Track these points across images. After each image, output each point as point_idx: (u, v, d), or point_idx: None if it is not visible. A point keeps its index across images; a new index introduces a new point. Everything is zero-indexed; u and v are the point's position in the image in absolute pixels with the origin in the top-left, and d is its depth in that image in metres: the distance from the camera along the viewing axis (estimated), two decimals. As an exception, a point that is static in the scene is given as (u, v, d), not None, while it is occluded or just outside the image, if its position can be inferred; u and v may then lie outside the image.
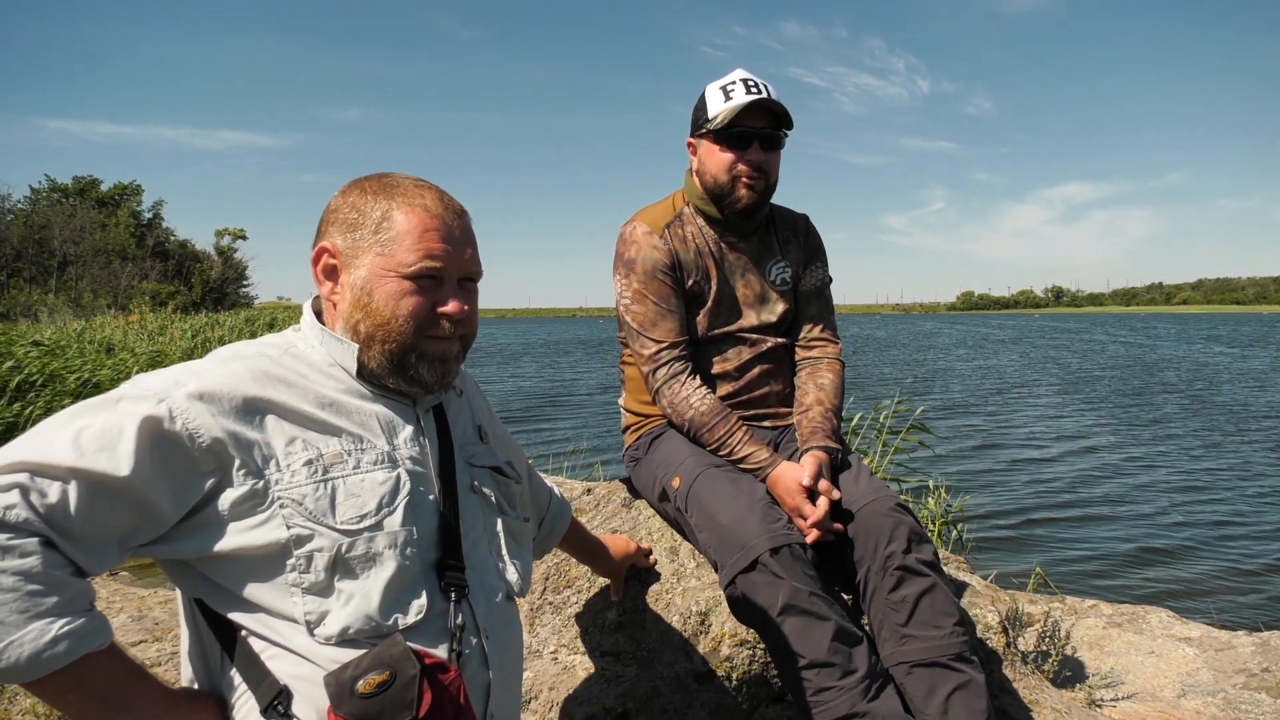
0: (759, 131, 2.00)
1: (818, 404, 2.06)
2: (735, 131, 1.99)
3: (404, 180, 1.20)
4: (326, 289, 1.20)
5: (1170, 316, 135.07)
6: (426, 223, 1.15)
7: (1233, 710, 2.62)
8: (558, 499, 1.73)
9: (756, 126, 1.99)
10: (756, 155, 2.00)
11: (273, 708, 1.03)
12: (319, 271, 1.20)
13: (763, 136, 2.00)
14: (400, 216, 1.15)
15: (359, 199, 1.18)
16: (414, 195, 1.17)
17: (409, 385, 1.19)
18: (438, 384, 1.20)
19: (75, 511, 0.93)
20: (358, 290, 1.15)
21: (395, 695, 0.97)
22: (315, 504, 1.06)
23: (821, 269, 2.24)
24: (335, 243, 1.18)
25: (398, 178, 1.20)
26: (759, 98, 1.96)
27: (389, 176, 1.21)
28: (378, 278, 1.14)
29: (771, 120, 2.01)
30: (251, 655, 1.05)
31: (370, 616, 1.06)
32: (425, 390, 1.20)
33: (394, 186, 1.18)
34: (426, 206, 1.16)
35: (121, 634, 2.13)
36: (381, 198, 1.17)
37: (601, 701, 1.87)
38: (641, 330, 2.04)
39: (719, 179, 2.03)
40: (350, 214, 1.17)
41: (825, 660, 1.62)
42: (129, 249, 44.93)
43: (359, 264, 1.15)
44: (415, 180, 1.21)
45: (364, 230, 1.16)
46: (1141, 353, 32.84)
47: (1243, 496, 8.17)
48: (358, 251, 1.16)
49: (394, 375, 1.17)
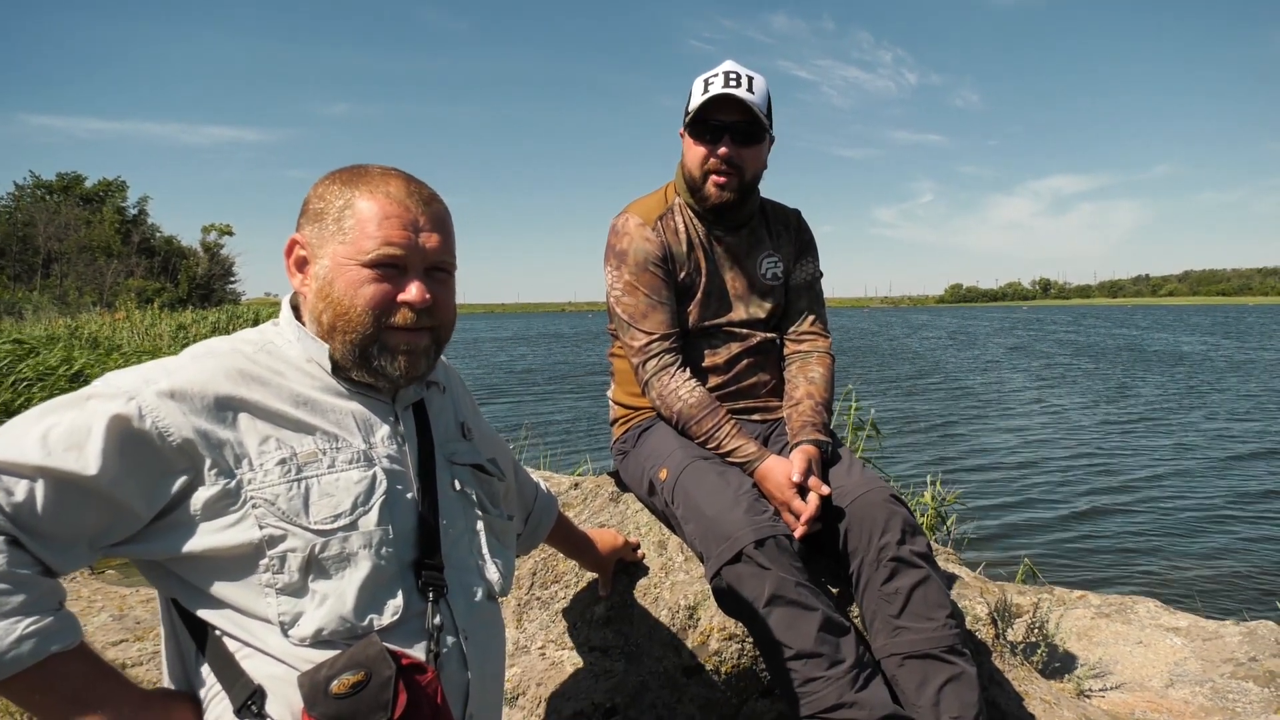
0: (730, 125, 1.96)
1: (808, 397, 2.05)
2: (706, 125, 1.97)
3: (372, 169, 1.18)
4: (297, 281, 1.18)
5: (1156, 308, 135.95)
6: (387, 209, 1.12)
7: (1220, 699, 2.63)
8: (544, 494, 1.71)
9: (728, 120, 1.96)
10: (727, 149, 1.96)
11: (246, 708, 1.01)
12: (291, 264, 1.18)
13: (735, 130, 1.96)
14: (362, 204, 1.12)
15: (326, 189, 1.16)
16: (378, 183, 1.14)
17: (375, 378, 1.16)
18: (404, 377, 1.17)
19: (42, 510, 0.92)
20: (321, 280, 1.13)
21: (370, 696, 0.96)
22: (288, 504, 1.04)
23: (812, 263, 2.22)
24: (304, 234, 1.16)
25: (368, 167, 1.18)
26: (723, 91, 1.92)
27: (360, 167, 1.18)
28: (339, 267, 1.12)
29: (746, 113, 1.96)
30: (226, 655, 1.04)
31: (345, 617, 1.04)
32: (392, 384, 1.17)
33: (360, 175, 1.16)
34: (389, 193, 1.13)
35: (103, 633, 2.10)
36: (347, 187, 1.15)
37: (590, 697, 1.86)
38: (632, 322, 2.02)
39: (693, 173, 2.02)
40: (317, 204, 1.16)
41: (812, 650, 1.62)
42: (114, 246, 44.57)
43: (323, 254, 1.13)
44: (384, 169, 1.18)
45: (328, 220, 1.14)
46: (1128, 344, 33.03)
47: (1230, 487, 8.23)
48: (323, 241, 1.14)
49: (358, 368, 1.15)
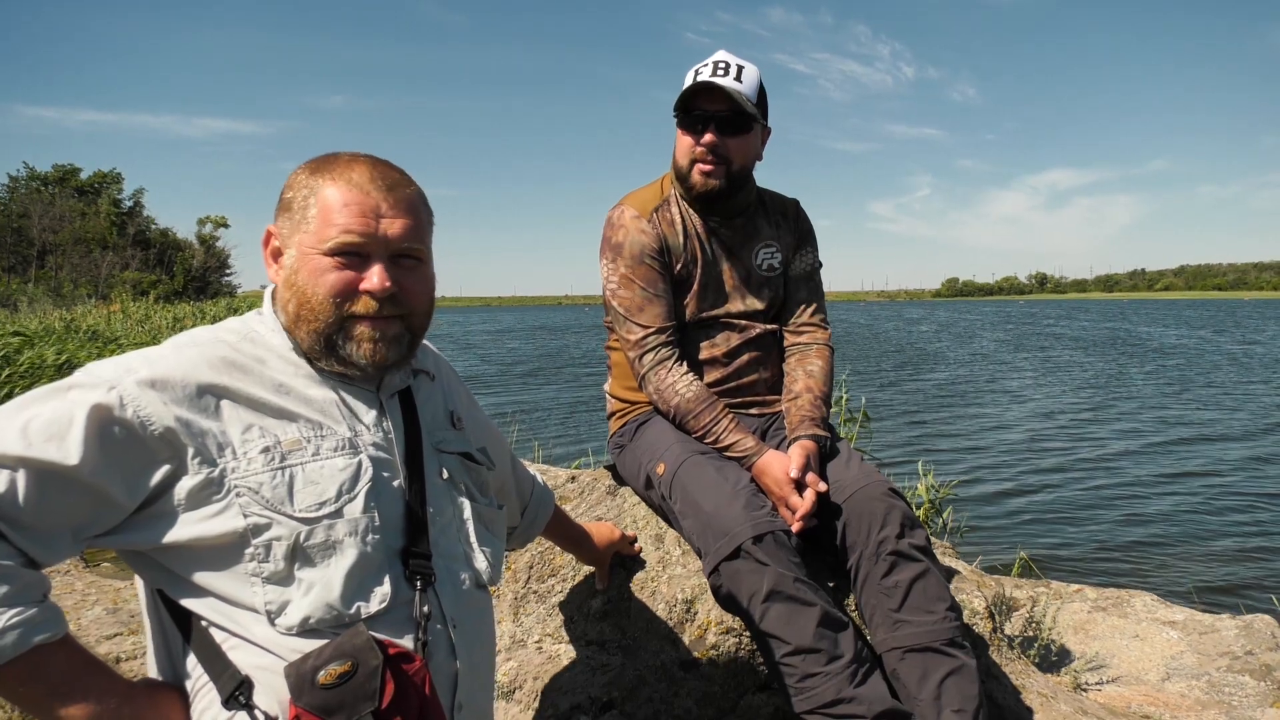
0: (715, 114, 1.94)
1: (807, 391, 2.04)
2: (691, 114, 1.95)
3: (341, 156, 1.17)
4: (272, 271, 1.18)
5: (1152, 302, 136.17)
6: (346, 196, 1.11)
7: (1216, 693, 2.63)
8: (540, 487, 1.71)
9: (712, 109, 1.93)
10: (710, 139, 1.94)
11: (234, 698, 1.01)
12: (268, 255, 1.19)
13: (720, 120, 1.94)
14: (326, 192, 1.12)
15: (295, 178, 1.16)
16: (342, 170, 1.13)
17: (346, 367, 1.15)
18: (373, 365, 1.15)
19: (24, 501, 0.91)
20: (288, 270, 1.13)
21: (357, 686, 0.96)
22: (272, 492, 1.04)
23: (811, 254, 2.21)
24: (278, 224, 1.16)
25: (337, 155, 1.17)
26: (707, 80, 1.90)
27: (330, 155, 1.17)
28: (304, 256, 1.12)
29: (731, 103, 1.93)
30: (212, 646, 1.03)
31: (332, 605, 1.04)
32: (362, 371, 1.16)
33: (327, 163, 1.15)
34: (350, 179, 1.12)
35: (97, 626, 2.09)
36: (314, 175, 1.14)
37: (587, 691, 1.86)
38: (628, 315, 2.01)
39: (680, 162, 2.00)
40: (288, 194, 1.16)
41: (811, 646, 1.61)
42: (109, 238, 44.43)
43: (291, 244, 1.14)
44: (352, 155, 1.17)
45: (295, 210, 1.14)
46: (1123, 338, 33.09)
47: (1226, 481, 8.25)
48: (292, 231, 1.14)
49: (325, 357, 1.15)
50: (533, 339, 40.78)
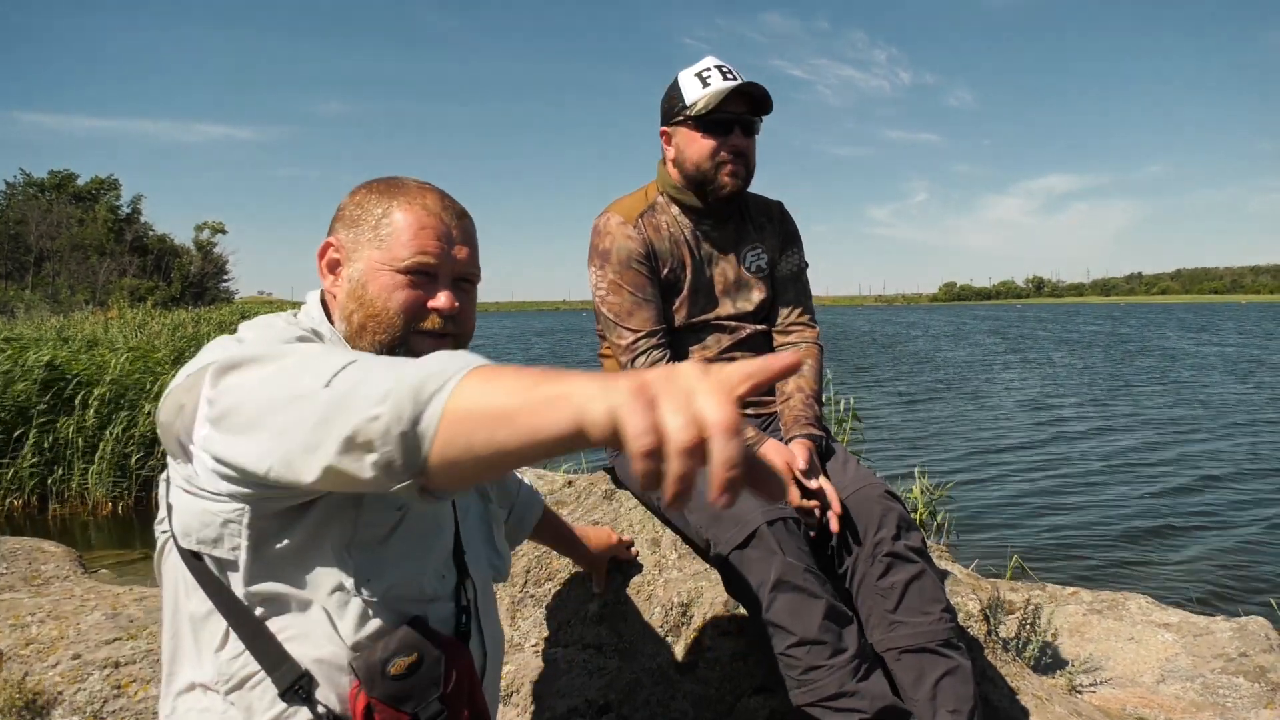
0: (739, 117, 1.99)
1: (798, 391, 2.05)
2: (717, 118, 1.98)
3: (409, 182, 1.23)
4: (328, 282, 1.23)
5: (1149, 306, 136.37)
6: (423, 220, 1.17)
7: (1211, 695, 2.65)
8: (527, 488, 1.73)
9: (737, 112, 1.99)
10: (739, 141, 1.99)
11: (293, 691, 1.02)
12: (323, 265, 1.23)
13: (743, 122, 2.00)
14: (399, 214, 1.17)
15: (364, 198, 1.21)
16: (415, 195, 1.20)
17: None
18: None
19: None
20: (354, 283, 1.18)
21: (424, 675, 1.03)
22: None
23: (797, 254, 2.23)
24: (339, 238, 1.21)
25: (404, 180, 1.24)
26: (742, 83, 1.95)
27: (396, 179, 1.24)
28: (373, 271, 1.16)
29: (750, 106, 2.01)
30: (269, 638, 1.04)
31: (415, 580, 1.10)
32: None
33: (398, 187, 1.21)
34: (426, 205, 1.19)
35: (96, 632, 2.10)
36: (385, 197, 1.20)
37: (584, 694, 1.87)
38: (618, 320, 2.02)
39: (701, 166, 2.01)
40: (355, 211, 1.20)
41: (816, 638, 1.61)
42: (107, 244, 44.37)
43: (357, 258, 1.18)
44: (420, 183, 1.24)
45: (364, 226, 1.18)
46: (1118, 341, 33.14)
47: (1220, 482, 8.26)
48: (358, 246, 1.18)
49: None
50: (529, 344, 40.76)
